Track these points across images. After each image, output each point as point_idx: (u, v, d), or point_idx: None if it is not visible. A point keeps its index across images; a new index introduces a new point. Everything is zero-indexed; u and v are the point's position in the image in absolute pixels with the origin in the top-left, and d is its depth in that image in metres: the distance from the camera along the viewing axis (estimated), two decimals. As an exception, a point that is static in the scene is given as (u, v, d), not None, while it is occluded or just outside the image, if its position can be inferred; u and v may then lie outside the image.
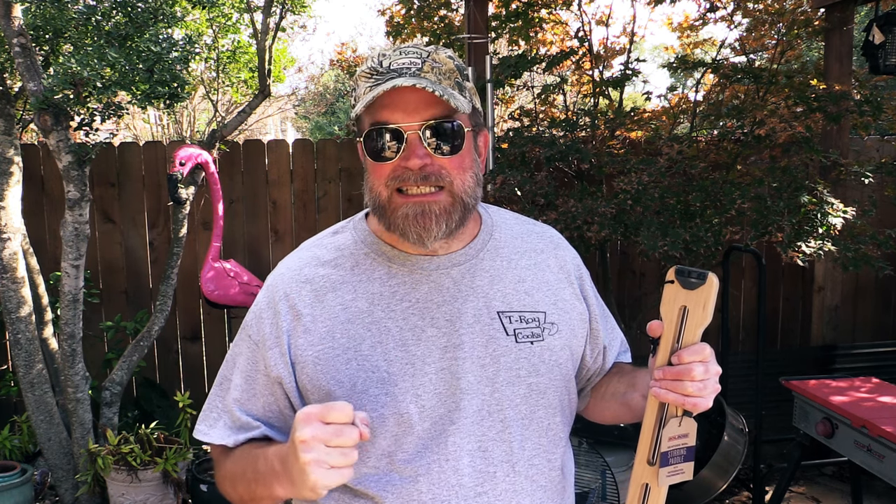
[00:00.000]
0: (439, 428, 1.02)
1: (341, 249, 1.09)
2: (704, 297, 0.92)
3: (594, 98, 4.06)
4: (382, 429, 1.01)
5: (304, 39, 20.69)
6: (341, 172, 4.10)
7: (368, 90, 0.98)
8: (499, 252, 1.11)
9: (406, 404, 1.01)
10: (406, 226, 0.99)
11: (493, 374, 1.03)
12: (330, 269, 1.07)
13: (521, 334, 1.05)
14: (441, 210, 0.99)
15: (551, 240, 1.18)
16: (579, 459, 2.90)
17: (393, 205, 1.00)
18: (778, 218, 3.08)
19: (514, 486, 1.04)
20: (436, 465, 1.01)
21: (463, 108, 0.97)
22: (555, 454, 1.09)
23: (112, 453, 3.06)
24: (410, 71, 0.97)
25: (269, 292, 1.09)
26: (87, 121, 2.98)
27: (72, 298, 3.09)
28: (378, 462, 1.02)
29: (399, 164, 0.98)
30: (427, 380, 1.02)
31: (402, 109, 0.97)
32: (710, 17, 4.36)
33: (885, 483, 2.45)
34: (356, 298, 1.04)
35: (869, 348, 4.10)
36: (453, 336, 1.03)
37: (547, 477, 1.08)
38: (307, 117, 13.72)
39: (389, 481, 1.02)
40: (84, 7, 3.05)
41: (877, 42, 3.53)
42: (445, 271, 1.06)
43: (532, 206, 3.29)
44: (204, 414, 1.12)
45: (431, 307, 1.04)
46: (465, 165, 1.01)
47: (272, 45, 3.55)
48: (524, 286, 1.09)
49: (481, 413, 1.03)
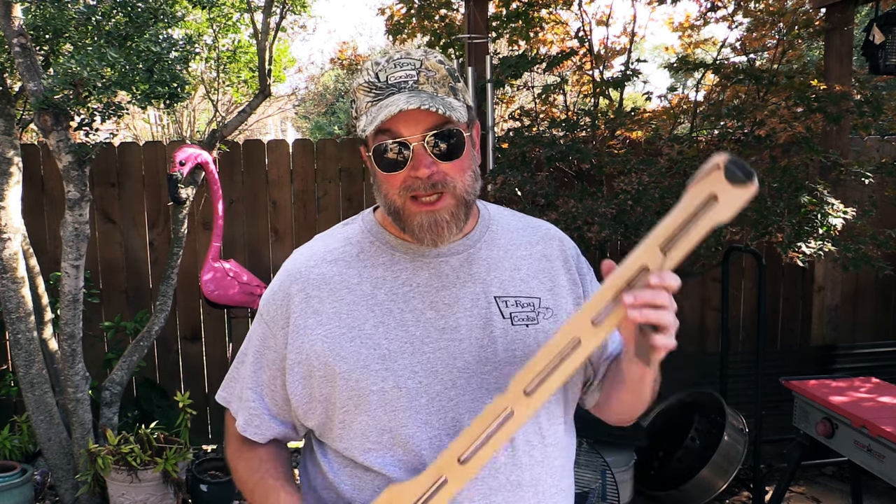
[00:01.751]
0: (438, 404, 1.08)
1: (349, 238, 1.18)
2: (739, 196, 0.88)
3: (594, 98, 4.06)
4: (382, 402, 1.08)
5: (304, 39, 20.70)
6: (341, 172, 4.10)
7: (370, 105, 1.05)
8: (495, 243, 1.18)
9: (405, 379, 1.08)
10: (421, 233, 1.07)
11: (490, 355, 1.10)
12: (338, 256, 1.16)
13: (517, 317, 1.12)
14: (450, 216, 1.07)
15: (547, 232, 1.24)
16: (579, 459, 2.90)
17: (407, 212, 1.07)
18: (778, 218, 3.08)
19: (512, 459, 1.09)
20: (437, 440, 1.07)
21: (460, 117, 1.05)
22: (548, 430, 1.14)
23: (112, 453, 3.06)
24: (408, 85, 1.04)
25: (283, 277, 1.18)
26: (87, 121, 2.98)
27: (72, 298, 3.09)
28: (380, 437, 1.08)
29: (409, 174, 1.05)
30: (425, 358, 1.09)
31: (404, 122, 1.04)
32: (710, 16, 4.36)
33: (885, 483, 2.45)
34: (361, 282, 1.13)
35: (869, 348, 4.10)
36: (451, 318, 1.10)
37: (542, 452, 1.12)
38: (307, 117, 13.72)
39: (395, 455, 1.08)
40: (84, 7, 3.05)
41: (877, 42, 3.53)
42: (445, 259, 1.13)
43: (532, 206, 3.29)
44: (225, 382, 1.25)
45: (431, 291, 1.12)
46: (465, 166, 1.08)
47: (272, 44, 3.55)
48: (520, 274, 1.16)
49: (480, 391, 1.09)
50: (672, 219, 0.90)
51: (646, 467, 3.41)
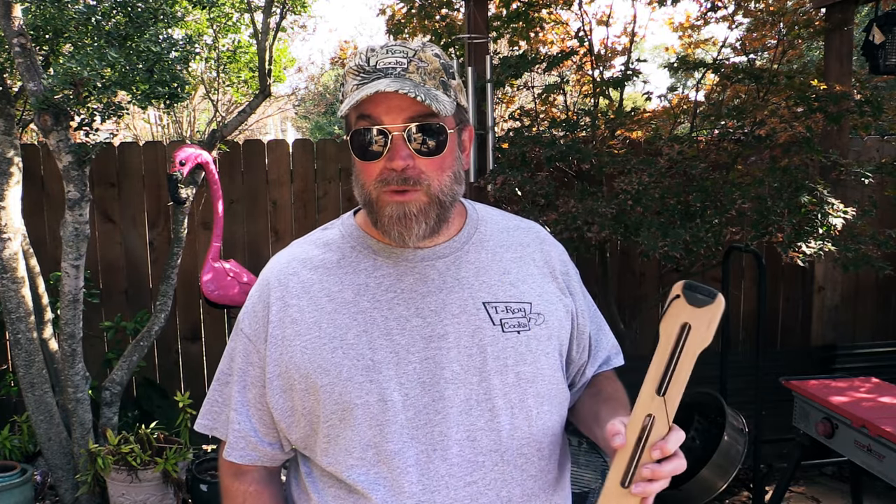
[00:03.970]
0: (424, 418, 1.02)
1: (329, 244, 1.13)
2: (709, 317, 0.88)
3: (594, 98, 4.06)
4: (367, 416, 1.02)
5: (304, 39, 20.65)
6: (341, 172, 4.10)
7: (355, 88, 1.01)
8: (484, 245, 1.12)
9: (390, 391, 1.02)
10: (390, 225, 1.02)
11: (480, 364, 1.04)
12: (317, 263, 1.11)
13: (508, 324, 1.06)
14: (418, 210, 1.01)
15: (537, 235, 1.20)
16: (579, 459, 2.90)
17: (380, 203, 1.02)
18: (778, 218, 3.08)
19: (503, 475, 1.05)
20: (424, 456, 1.02)
21: (445, 111, 0.99)
22: (543, 442, 1.09)
23: (112, 453, 3.06)
24: (396, 71, 1.00)
25: (260, 287, 1.13)
26: (87, 121, 2.98)
27: (72, 298, 3.09)
28: (364, 453, 1.03)
29: (385, 165, 1.00)
30: (411, 368, 1.03)
31: (385, 108, 0.99)
32: (711, 16, 4.36)
33: (885, 483, 2.44)
34: (343, 290, 1.07)
35: (869, 348, 4.10)
36: (437, 326, 1.04)
37: (537, 466, 1.08)
38: (307, 117, 13.72)
39: (378, 473, 1.02)
40: (84, 7, 3.05)
41: (877, 42, 3.53)
42: (430, 263, 1.08)
43: (532, 206, 3.29)
44: (205, 409, 1.16)
45: (416, 297, 1.06)
46: (444, 166, 1.03)
47: (272, 44, 3.55)
48: (509, 278, 1.10)
49: (469, 402, 1.03)
50: (657, 361, 0.90)
51: (646, 467, 3.40)
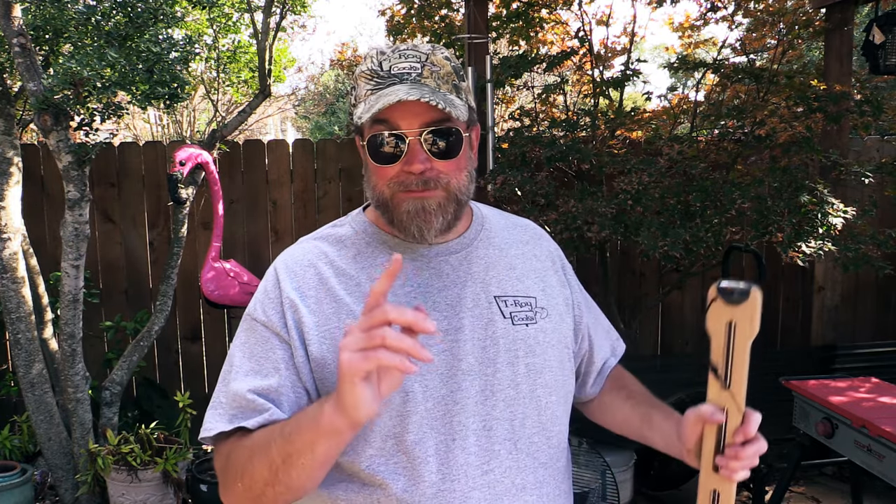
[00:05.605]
0: (443, 408, 1.04)
1: (342, 240, 1.14)
2: (751, 311, 0.93)
3: (594, 98, 4.06)
4: (387, 407, 1.03)
5: (303, 39, 20.66)
6: (341, 172, 4.10)
7: (370, 93, 1.02)
8: (491, 241, 1.16)
9: (410, 383, 1.03)
10: (409, 220, 1.04)
11: (493, 356, 1.07)
12: (333, 257, 1.11)
13: (517, 317, 1.11)
14: (438, 206, 1.04)
15: (535, 231, 1.25)
16: (579, 459, 2.90)
17: (396, 200, 1.04)
18: (778, 218, 3.08)
19: (517, 462, 1.07)
20: (443, 446, 1.04)
21: (461, 116, 1.02)
22: (552, 431, 1.13)
23: (112, 453, 3.06)
24: (411, 77, 1.01)
25: (275, 275, 1.10)
26: (87, 121, 2.98)
27: (72, 298, 3.09)
28: (384, 443, 1.03)
29: (402, 168, 1.03)
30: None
31: (402, 113, 1.01)
32: (711, 17, 4.37)
33: (885, 483, 2.44)
34: (360, 283, 1.08)
35: (869, 348, 4.09)
36: (454, 319, 1.07)
37: (547, 454, 1.11)
38: (307, 117, 13.71)
39: (398, 463, 1.04)
40: (84, 7, 3.05)
41: (877, 42, 3.53)
42: (444, 258, 1.11)
43: (532, 206, 3.29)
44: (209, 414, 1.06)
45: (433, 292, 1.08)
46: (461, 166, 1.06)
47: (272, 45, 3.55)
48: (515, 273, 1.15)
49: (485, 393, 1.06)
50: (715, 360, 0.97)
51: (646, 467, 3.41)
